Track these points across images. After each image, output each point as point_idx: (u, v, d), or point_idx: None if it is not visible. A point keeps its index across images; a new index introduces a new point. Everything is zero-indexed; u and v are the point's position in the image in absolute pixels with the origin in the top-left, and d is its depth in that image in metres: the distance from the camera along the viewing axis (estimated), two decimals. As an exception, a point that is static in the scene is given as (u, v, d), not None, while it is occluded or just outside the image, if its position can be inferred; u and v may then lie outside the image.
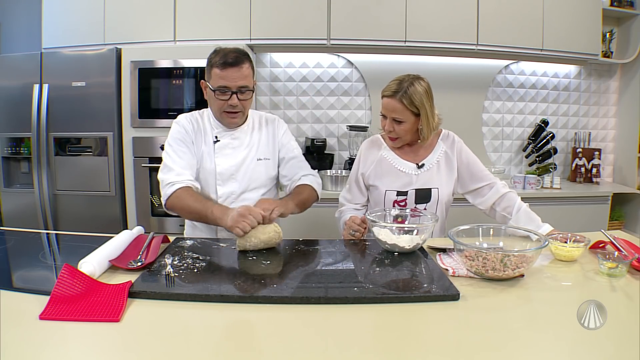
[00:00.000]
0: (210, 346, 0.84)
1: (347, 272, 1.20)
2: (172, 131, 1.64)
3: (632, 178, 3.26)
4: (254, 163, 1.67)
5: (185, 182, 1.52)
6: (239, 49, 1.57)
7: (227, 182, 1.65)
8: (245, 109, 1.62)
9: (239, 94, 1.55)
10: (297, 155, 1.76)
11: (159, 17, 2.82)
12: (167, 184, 1.53)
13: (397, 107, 1.60)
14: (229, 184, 1.65)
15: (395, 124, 1.64)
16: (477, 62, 3.19)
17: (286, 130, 1.78)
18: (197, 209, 1.45)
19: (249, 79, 1.56)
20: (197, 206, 1.45)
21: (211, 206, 1.43)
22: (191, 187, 1.53)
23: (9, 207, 2.81)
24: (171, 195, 1.51)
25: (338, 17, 2.83)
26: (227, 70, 1.51)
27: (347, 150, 3.20)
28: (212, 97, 1.57)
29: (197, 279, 1.11)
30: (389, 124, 1.65)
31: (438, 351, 0.83)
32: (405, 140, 1.70)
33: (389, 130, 1.66)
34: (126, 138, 2.71)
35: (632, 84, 3.31)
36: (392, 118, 1.63)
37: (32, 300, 0.97)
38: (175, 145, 1.60)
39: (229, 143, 1.65)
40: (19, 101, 2.67)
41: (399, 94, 1.59)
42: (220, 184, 1.64)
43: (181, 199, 1.49)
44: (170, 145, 1.61)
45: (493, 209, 1.72)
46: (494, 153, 3.40)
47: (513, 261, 1.11)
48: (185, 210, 1.49)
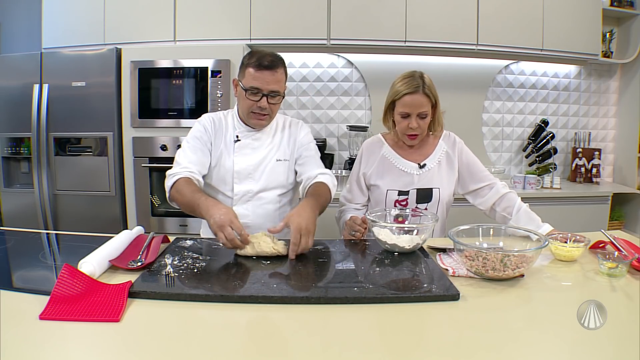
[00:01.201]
0: (210, 346, 0.84)
1: (347, 272, 1.20)
2: (192, 129, 1.65)
3: (632, 178, 3.26)
4: (273, 163, 1.66)
5: (185, 172, 1.51)
6: (275, 54, 1.58)
7: (244, 181, 1.63)
8: (273, 113, 1.61)
9: (269, 97, 1.55)
10: (315, 155, 1.74)
11: (159, 17, 2.83)
12: (170, 176, 1.52)
13: (423, 101, 1.59)
14: (246, 182, 1.63)
15: (420, 119, 1.61)
16: (477, 62, 3.19)
17: (307, 132, 1.78)
18: (188, 199, 1.41)
19: (281, 84, 1.57)
20: (188, 197, 1.41)
21: (199, 198, 1.38)
22: (190, 178, 1.50)
23: (9, 207, 2.81)
24: (172, 187, 1.50)
25: (338, 17, 2.83)
26: (262, 72, 1.51)
27: (347, 150, 3.20)
28: (243, 96, 1.56)
29: (197, 279, 1.11)
30: (414, 122, 1.60)
31: (438, 351, 0.83)
32: (423, 135, 1.68)
33: (416, 127, 1.61)
34: (126, 138, 2.71)
35: (632, 84, 3.31)
36: (418, 114, 1.60)
37: (32, 300, 0.97)
38: (192, 142, 1.61)
39: (249, 143, 1.64)
40: (19, 101, 2.68)
41: (422, 88, 1.58)
42: (237, 182, 1.63)
43: (178, 190, 1.47)
44: (188, 142, 1.62)
45: (493, 210, 1.72)
46: (494, 153, 3.40)
47: (513, 261, 1.11)
48: (179, 201, 1.47)
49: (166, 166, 2.66)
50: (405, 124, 1.63)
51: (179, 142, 2.65)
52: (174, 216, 2.76)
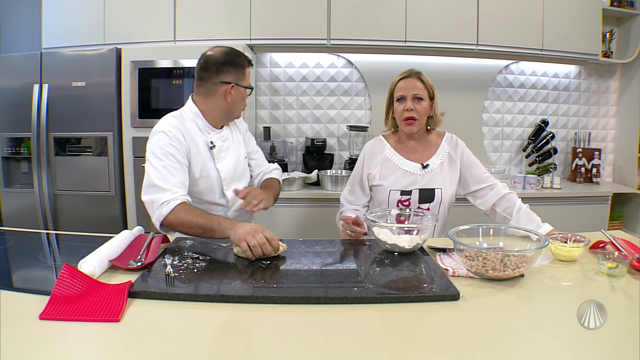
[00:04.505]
0: (210, 346, 0.84)
1: (347, 272, 1.20)
2: (160, 142, 1.48)
3: (632, 178, 3.26)
4: (242, 160, 1.72)
5: (180, 198, 1.43)
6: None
7: (231, 185, 1.63)
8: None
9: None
10: (259, 150, 1.87)
11: (159, 17, 2.82)
12: (162, 204, 1.41)
13: (416, 84, 1.68)
14: (232, 185, 1.63)
15: (415, 102, 1.67)
16: (477, 62, 3.18)
17: (247, 126, 1.84)
18: (201, 223, 1.37)
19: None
20: (200, 221, 1.37)
21: (217, 218, 1.38)
22: (188, 203, 1.45)
23: (9, 207, 2.81)
24: (168, 215, 1.40)
25: (338, 17, 2.83)
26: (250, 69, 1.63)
27: (347, 150, 3.20)
28: (243, 97, 1.61)
29: (197, 279, 1.11)
30: (410, 103, 1.67)
31: (438, 351, 0.83)
32: (422, 123, 1.71)
33: (410, 109, 1.67)
34: (126, 138, 2.71)
35: (632, 84, 3.31)
36: (413, 95, 1.67)
37: (32, 300, 0.97)
38: (167, 161, 1.46)
39: (221, 146, 1.62)
40: (19, 101, 2.67)
41: (417, 74, 1.70)
42: (226, 188, 1.61)
43: (179, 217, 1.39)
44: (160, 159, 1.46)
45: (493, 210, 1.72)
46: (494, 153, 3.40)
47: (513, 261, 1.11)
48: (186, 226, 1.39)
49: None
50: (402, 107, 1.68)
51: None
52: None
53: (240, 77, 1.58)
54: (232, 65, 1.56)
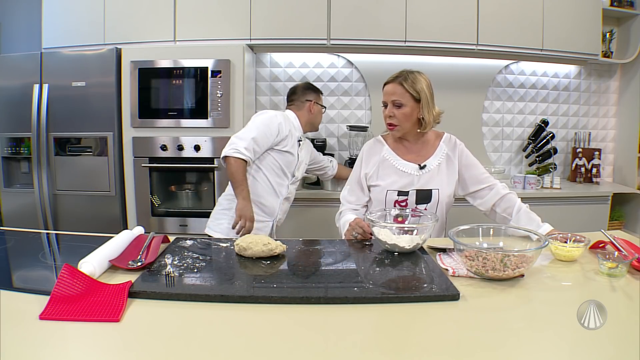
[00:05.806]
0: (210, 346, 0.84)
1: (347, 272, 1.20)
2: (270, 120, 2.09)
3: (632, 178, 3.26)
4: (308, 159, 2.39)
5: (246, 157, 1.98)
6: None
7: (300, 167, 2.26)
8: None
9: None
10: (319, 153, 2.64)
11: (159, 17, 2.82)
12: (235, 149, 1.97)
13: (396, 89, 1.66)
14: (301, 168, 2.28)
15: (395, 108, 1.67)
16: (477, 62, 3.18)
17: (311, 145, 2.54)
18: (240, 179, 1.97)
19: None
20: (241, 178, 1.97)
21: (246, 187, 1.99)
22: (248, 163, 2.01)
23: (9, 207, 2.81)
24: (231, 157, 1.96)
25: (338, 17, 2.83)
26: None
27: (347, 150, 3.20)
28: (320, 112, 2.37)
29: (197, 279, 1.11)
30: (389, 109, 1.68)
31: (438, 351, 0.83)
32: (405, 128, 1.70)
33: (389, 116, 1.68)
34: (126, 138, 2.71)
35: (632, 84, 3.31)
36: (392, 102, 1.67)
37: (32, 300, 0.97)
38: (263, 128, 2.05)
39: (303, 142, 2.28)
40: (19, 101, 2.67)
41: (399, 79, 1.68)
42: (296, 169, 2.22)
43: (235, 165, 1.97)
44: (261, 125, 2.06)
45: (493, 211, 1.72)
46: (494, 153, 3.40)
47: (513, 261, 1.11)
48: (231, 171, 1.97)
49: (166, 166, 2.70)
50: (385, 112, 1.71)
51: (179, 142, 2.66)
52: (174, 216, 2.76)
53: (317, 98, 2.33)
54: (312, 89, 2.35)
